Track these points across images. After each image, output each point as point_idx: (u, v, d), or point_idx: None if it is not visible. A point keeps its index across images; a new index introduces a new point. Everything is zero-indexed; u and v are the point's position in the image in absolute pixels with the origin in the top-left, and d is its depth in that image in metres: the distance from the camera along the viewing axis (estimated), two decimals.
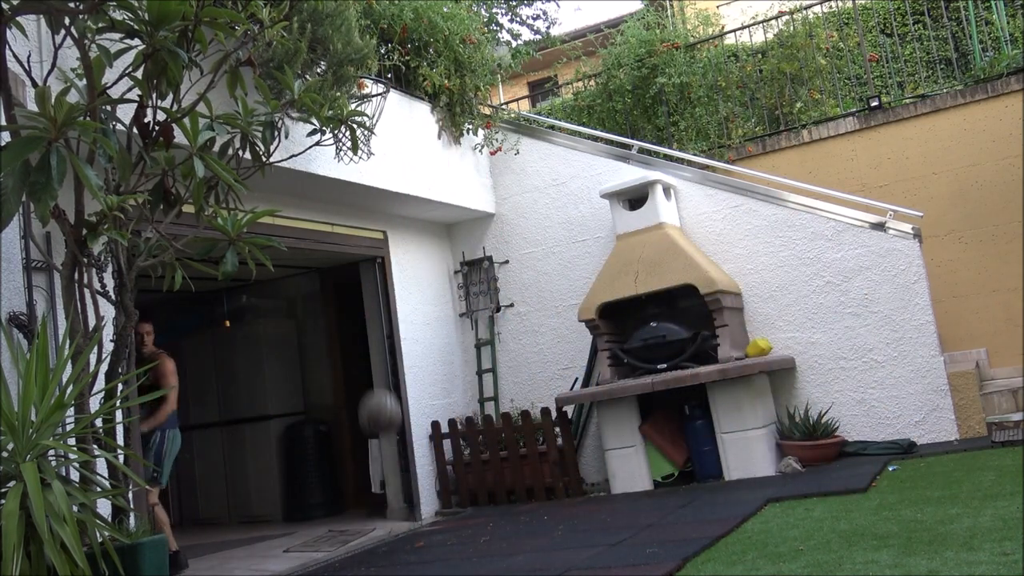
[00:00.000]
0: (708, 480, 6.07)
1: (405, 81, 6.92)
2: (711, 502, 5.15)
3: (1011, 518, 3.49)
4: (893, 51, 8.52)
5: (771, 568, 3.29)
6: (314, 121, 4.71)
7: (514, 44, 10.85)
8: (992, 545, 3.11)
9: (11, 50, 3.45)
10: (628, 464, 6.29)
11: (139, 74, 3.63)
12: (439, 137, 7.11)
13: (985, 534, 3.30)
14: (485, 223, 7.78)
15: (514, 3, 11.85)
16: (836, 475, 5.34)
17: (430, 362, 7.20)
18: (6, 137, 3.37)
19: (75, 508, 2.92)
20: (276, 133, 4.38)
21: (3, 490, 2.86)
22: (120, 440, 3.96)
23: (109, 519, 3.41)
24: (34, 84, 3.54)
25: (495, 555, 4.50)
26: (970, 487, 4.31)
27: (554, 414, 6.67)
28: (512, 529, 5.37)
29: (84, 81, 3.50)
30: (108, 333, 3.83)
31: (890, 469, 5.31)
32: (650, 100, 8.83)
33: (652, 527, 4.56)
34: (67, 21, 3.51)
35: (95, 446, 3.45)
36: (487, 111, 7.78)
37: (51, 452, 3.15)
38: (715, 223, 6.83)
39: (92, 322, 3.65)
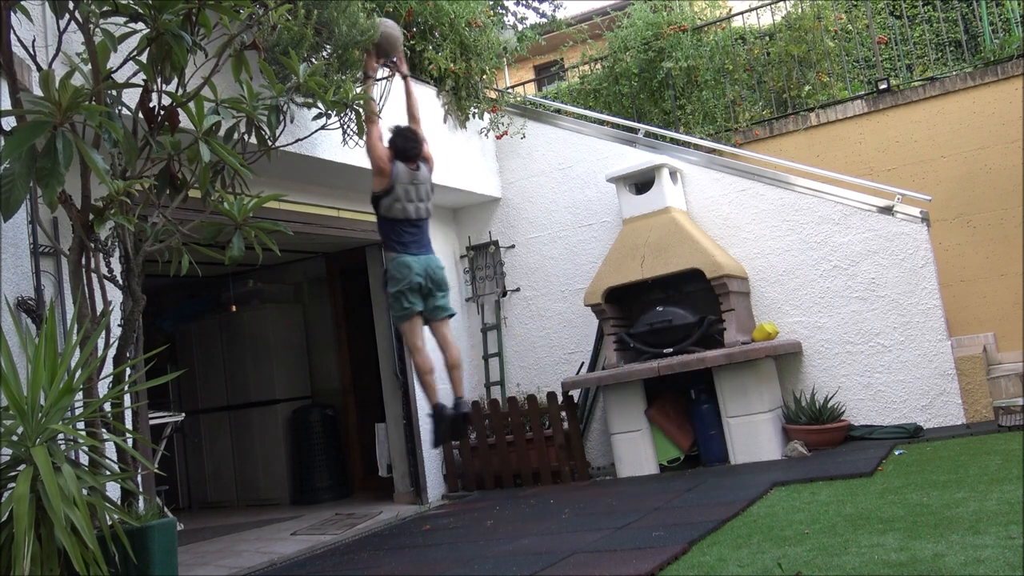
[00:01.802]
0: (714, 464, 6.08)
1: (411, 65, 6.88)
2: (717, 486, 5.16)
3: (1017, 502, 3.49)
4: (902, 33, 8.44)
5: (777, 551, 3.30)
6: (320, 105, 4.70)
7: (520, 27, 10.77)
8: (998, 529, 3.11)
9: (15, 34, 3.44)
10: (634, 448, 6.30)
11: (143, 58, 3.62)
12: (445, 121, 7.09)
13: (991, 518, 3.30)
14: (491, 207, 7.77)
15: None
16: (842, 459, 5.35)
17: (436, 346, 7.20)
18: (11, 122, 3.37)
19: (85, 491, 2.94)
20: (282, 117, 4.37)
21: (13, 474, 2.88)
22: (128, 424, 3.98)
23: (118, 502, 3.43)
24: (39, 69, 3.53)
25: (501, 538, 4.52)
26: (976, 471, 4.31)
27: (560, 398, 6.68)
28: (518, 513, 5.39)
29: (89, 66, 3.50)
30: (116, 318, 3.84)
31: (896, 453, 5.31)
32: (657, 83, 8.78)
33: (658, 511, 4.58)
34: (71, 5, 3.50)
35: (104, 430, 3.47)
36: (493, 95, 7.74)
37: (60, 436, 3.17)
38: (722, 207, 6.81)
39: (100, 307, 3.66)
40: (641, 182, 6.83)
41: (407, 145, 5.07)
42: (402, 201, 4.96)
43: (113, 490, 3.70)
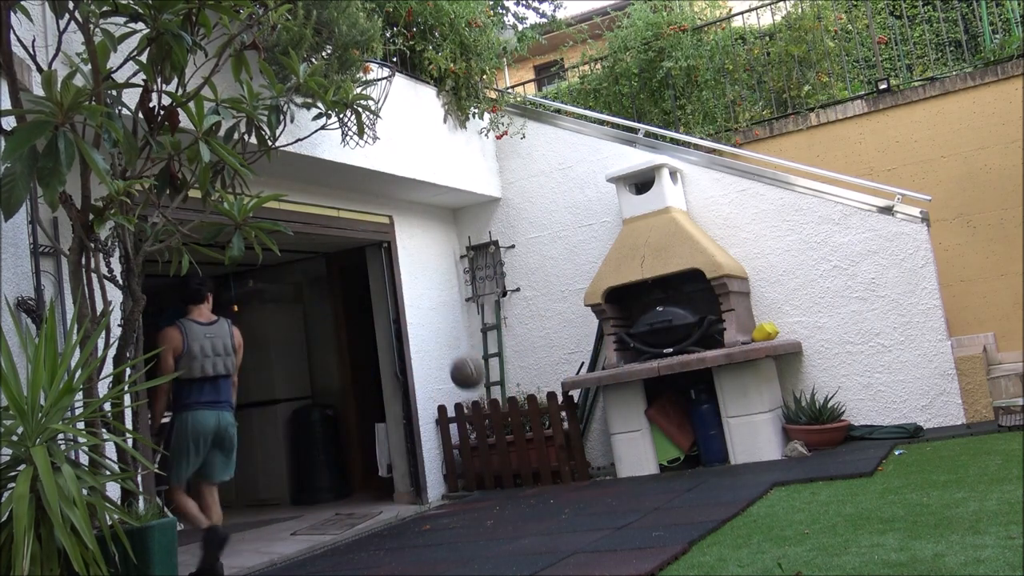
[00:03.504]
0: (714, 464, 6.08)
1: (411, 65, 6.89)
2: (717, 486, 5.16)
3: (1017, 502, 3.49)
4: (902, 33, 8.44)
5: (777, 551, 3.30)
6: (319, 105, 4.70)
7: (520, 27, 10.77)
8: (998, 529, 3.11)
9: (15, 34, 3.44)
10: (634, 448, 6.30)
11: (144, 58, 3.62)
12: (445, 121, 7.09)
13: (991, 518, 3.30)
14: (491, 207, 7.77)
15: None
16: (842, 459, 5.35)
17: (436, 347, 7.21)
18: (12, 122, 3.37)
19: (84, 491, 2.94)
20: (282, 117, 4.37)
21: (13, 474, 2.88)
22: (128, 424, 3.98)
23: (118, 502, 3.43)
24: (39, 69, 3.53)
25: (501, 538, 4.52)
26: (976, 471, 4.31)
27: (560, 398, 6.68)
28: (518, 513, 5.39)
29: (89, 66, 3.50)
30: (116, 318, 3.84)
31: (896, 453, 5.31)
32: (657, 83, 8.78)
33: (658, 511, 4.58)
34: (71, 5, 3.50)
35: (104, 430, 3.47)
36: (493, 95, 7.74)
37: (60, 436, 3.17)
38: (722, 207, 6.81)
39: (100, 307, 3.67)
40: (641, 182, 6.83)
41: (192, 283, 4.78)
42: (199, 359, 4.68)
43: (113, 490, 3.70)
